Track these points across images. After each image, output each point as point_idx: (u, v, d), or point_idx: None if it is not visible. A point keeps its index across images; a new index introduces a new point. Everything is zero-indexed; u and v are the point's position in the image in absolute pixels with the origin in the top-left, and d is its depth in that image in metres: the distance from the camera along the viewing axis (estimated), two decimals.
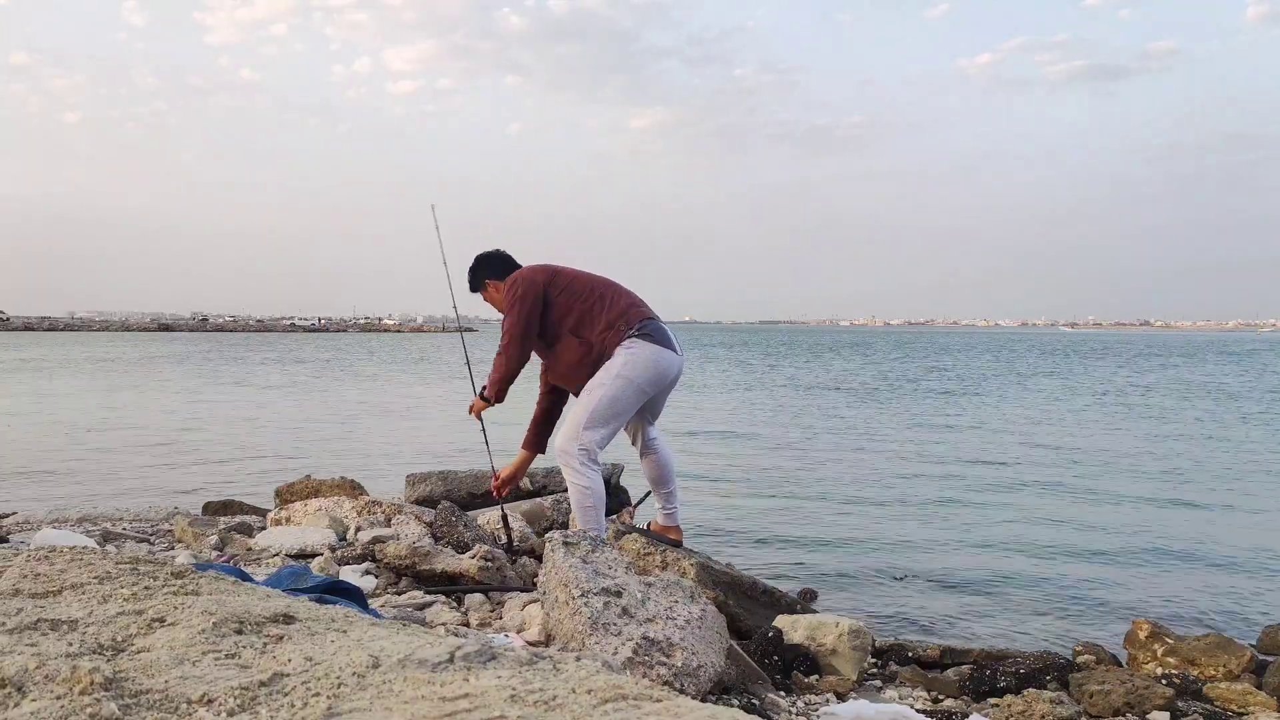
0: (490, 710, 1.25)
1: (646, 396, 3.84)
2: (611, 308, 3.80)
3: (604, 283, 3.92)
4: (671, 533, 4.15)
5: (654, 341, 3.76)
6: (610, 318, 3.77)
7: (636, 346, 3.73)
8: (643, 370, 3.73)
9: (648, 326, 3.78)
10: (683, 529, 4.28)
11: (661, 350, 3.77)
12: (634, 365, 3.71)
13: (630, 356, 3.72)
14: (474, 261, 4.14)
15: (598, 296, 3.83)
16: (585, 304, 3.81)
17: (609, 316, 3.78)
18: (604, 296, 3.83)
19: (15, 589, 1.81)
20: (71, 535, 4.40)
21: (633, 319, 3.78)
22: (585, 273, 3.98)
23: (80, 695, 1.28)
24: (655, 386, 3.83)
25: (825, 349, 61.63)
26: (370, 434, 14.25)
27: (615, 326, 3.76)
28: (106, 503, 6.73)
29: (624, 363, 3.71)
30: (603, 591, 2.81)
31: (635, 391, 3.74)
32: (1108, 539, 7.27)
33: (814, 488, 9.59)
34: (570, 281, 3.87)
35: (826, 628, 3.61)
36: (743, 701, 2.86)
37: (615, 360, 3.73)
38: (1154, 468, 11.27)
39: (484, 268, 4.10)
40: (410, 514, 5.00)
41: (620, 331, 3.75)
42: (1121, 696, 3.35)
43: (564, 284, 3.85)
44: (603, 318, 3.78)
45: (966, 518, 8.07)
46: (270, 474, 9.48)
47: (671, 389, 4.00)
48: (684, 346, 3.99)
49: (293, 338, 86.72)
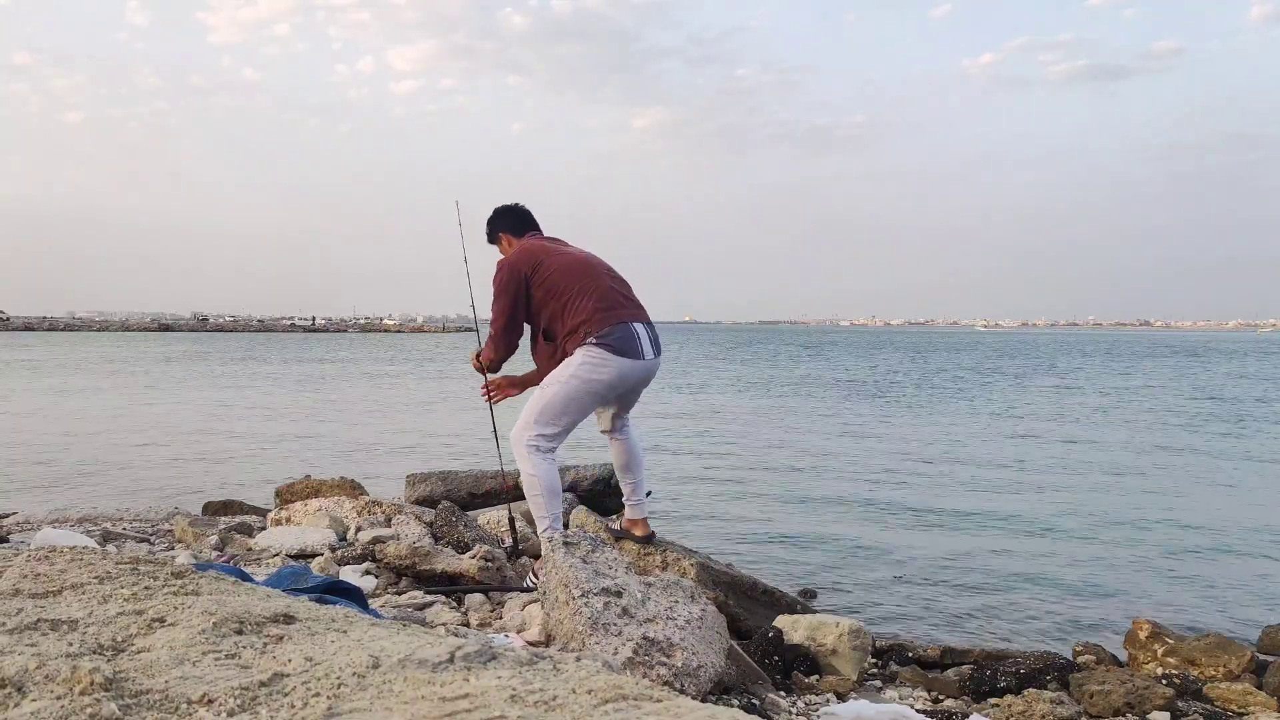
0: (490, 710, 1.25)
1: (603, 401, 3.80)
2: (578, 311, 3.70)
3: (580, 274, 3.78)
4: (637, 527, 4.05)
5: (614, 351, 3.67)
6: (575, 322, 3.70)
7: (595, 354, 3.67)
8: (597, 376, 3.67)
9: (610, 335, 3.68)
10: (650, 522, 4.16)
11: (621, 360, 3.68)
12: (589, 368, 3.66)
13: (586, 358, 3.67)
14: (492, 213, 4.10)
15: (571, 294, 3.73)
16: (558, 302, 3.73)
17: (574, 320, 3.70)
18: (575, 296, 3.72)
19: (15, 589, 1.81)
20: (72, 535, 4.39)
21: (595, 325, 3.68)
22: (568, 258, 3.84)
23: (80, 695, 1.28)
24: (614, 391, 3.78)
25: (825, 348, 61.65)
26: (370, 434, 14.25)
27: (577, 332, 3.69)
28: (107, 503, 6.73)
29: (580, 363, 3.67)
30: (603, 591, 2.81)
31: (589, 394, 3.70)
32: (1107, 539, 7.27)
33: (814, 488, 9.59)
34: (550, 275, 3.75)
35: (826, 628, 3.61)
36: (743, 701, 2.86)
37: (573, 360, 3.70)
38: (1153, 468, 11.27)
39: (501, 220, 4.09)
40: (410, 514, 5.00)
41: (580, 337, 3.69)
42: (1122, 697, 3.34)
43: (544, 276, 3.75)
44: (569, 320, 3.71)
45: (966, 518, 8.07)
46: (270, 474, 9.49)
47: (643, 387, 3.94)
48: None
49: (293, 338, 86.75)
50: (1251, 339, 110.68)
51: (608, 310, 3.71)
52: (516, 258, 3.83)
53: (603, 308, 3.71)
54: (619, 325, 3.71)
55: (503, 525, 4.99)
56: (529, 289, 3.77)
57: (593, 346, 3.65)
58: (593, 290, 3.74)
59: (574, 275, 3.76)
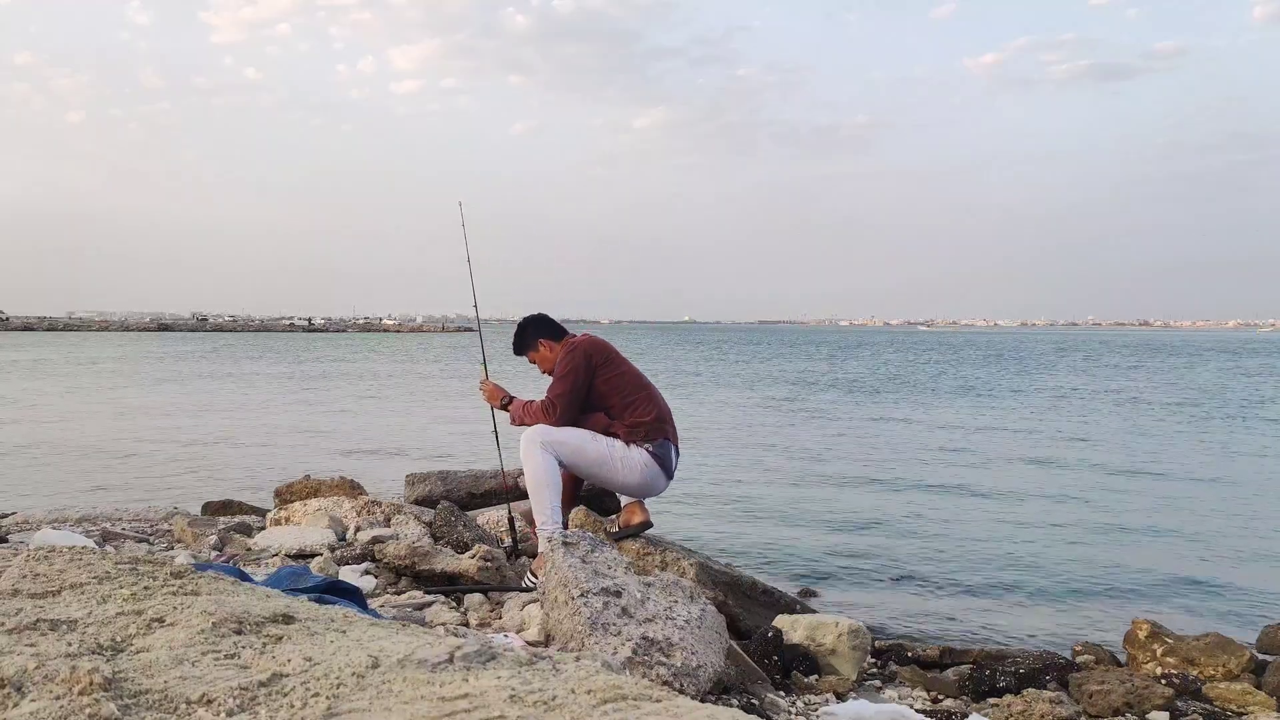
0: (490, 710, 1.25)
1: (619, 485, 4.18)
2: (644, 413, 4.13)
3: (645, 386, 4.23)
4: (635, 514, 4.20)
5: (657, 461, 4.10)
6: (637, 420, 4.11)
7: (642, 455, 4.07)
8: (633, 474, 4.08)
9: (661, 448, 4.12)
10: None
11: (659, 474, 4.12)
12: (631, 464, 4.07)
13: (634, 455, 4.07)
14: (524, 323, 4.39)
15: (639, 400, 4.16)
16: (621, 399, 4.14)
17: (637, 418, 4.11)
18: (640, 401, 4.16)
19: (15, 589, 1.81)
20: (71, 535, 4.39)
21: (654, 435, 4.11)
22: (631, 367, 4.28)
23: (80, 695, 1.28)
24: (627, 488, 4.17)
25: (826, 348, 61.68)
26: (369, 433, 14.24)
27: (636, 431, 4.09)
28: (106, 503, 6.73)
29: (627, 452, 4.06)
30: (602, 591, 2.81)
31: (614, 475, 4.09)
32: (1107, 539, 7.27)
33: (813, 487, 9.59)
34: (616, 376, 4.17)
35: (826, 628, 3.61)
36: (742, 701, 2.86)
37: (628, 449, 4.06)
38: (1152, 468, 11.27)
39: (539, 328, 4.37)
40: (410, 514, 4.99)
41: (640, 436, 4.09)
42: (1121, 696, 3.34)
43: (611, 372, 4.17)
44: (632, 417, 4.11)
45: (966, 518, 8.07)
46: (269, 474, 9.48)
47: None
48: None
49: (292, 338, 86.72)
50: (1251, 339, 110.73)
51: (663, 424, 4.18)
52: (590, 346, 4.21)
53: (660, 421, 4.17)
54: (667, 442, 4.17)
55: (502, 525, 4.99)
56: (594, 373, 4.14)
57: (644, 449, 4.08)
58: (655, 404, 4.20)
59: (640, 385, 4.22)
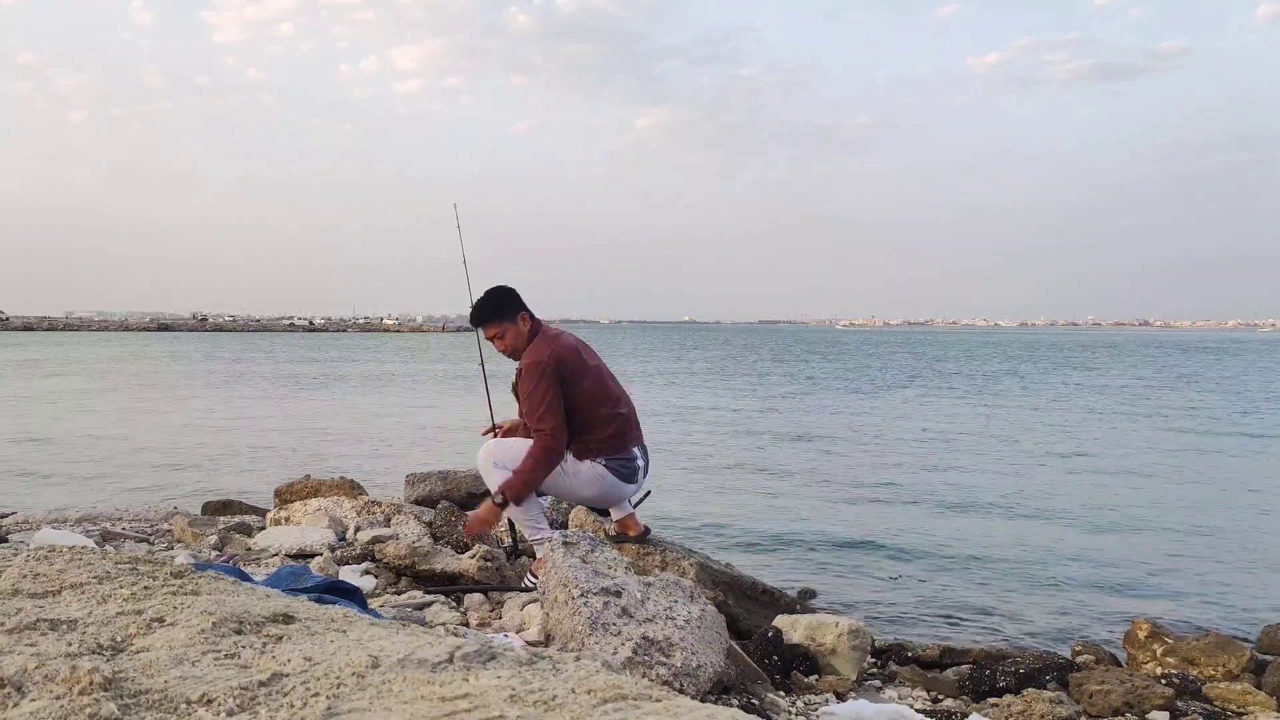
0: (490, 710, 1.25)
1: (578, 499, 4.12)
2: (600, 430, 3.90)
3: (606, 396, 3.96)
4: (629, 527, 4.10)
5: (614, 474, 3.92)
6: (591, 439, 3.89)
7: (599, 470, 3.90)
8: (588, 487, 3.94)
9: (616, 459, 3.92)
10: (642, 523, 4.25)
11: (616, 483, 3.95)
12: (583, 478, 3.90)
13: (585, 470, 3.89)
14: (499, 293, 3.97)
15: (598, 415, 3.90)
16: (583, 416, 3.88)
17: (592, 437, 3.89)
18: (599, 421, 3.90)
19: (15, 589, 1.81)
20: (71, 535, 4.39)
21: (608, 449, 3.91)
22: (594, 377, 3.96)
23: (80, 695, 1.28)
24: (592, 501, 4.10)
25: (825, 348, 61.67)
26: (369, 433, 14.24)
27: (589, 448, 3.89)
28: (106, 502, 6.73)
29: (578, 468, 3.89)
30: (602, 591, 2.81)
31: (569, 489, 3.97)
32: (1106, 538, 7.28)
33: (813, 487, 9.59)
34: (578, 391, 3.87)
35: (826, 627, 3.61)
36: (742, 701, 2.86)
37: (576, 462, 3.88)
38: (1152, 468, 11.27)
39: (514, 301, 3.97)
40: (409, 514, 4.99)
41: (590, 454, 3.89)
42: (1121, 696, 3.34)
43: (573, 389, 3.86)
44: (587, 436, 3.88)
45: (965, 518, 8.08)
46: (270, 474, 9.48)
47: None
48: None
49: (292, 338, 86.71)
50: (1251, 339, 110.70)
51: (622, 439, 3.96)
52: (557, 363, 3.84)
53: (618, 436, 3.95)
54: (625, 452, 3.96)
55: (502, 525, 4.99)
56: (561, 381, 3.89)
57: (598, 463, 3.90)
58: (613, 421, 3.94)
59: (603, 398, 3.94)
